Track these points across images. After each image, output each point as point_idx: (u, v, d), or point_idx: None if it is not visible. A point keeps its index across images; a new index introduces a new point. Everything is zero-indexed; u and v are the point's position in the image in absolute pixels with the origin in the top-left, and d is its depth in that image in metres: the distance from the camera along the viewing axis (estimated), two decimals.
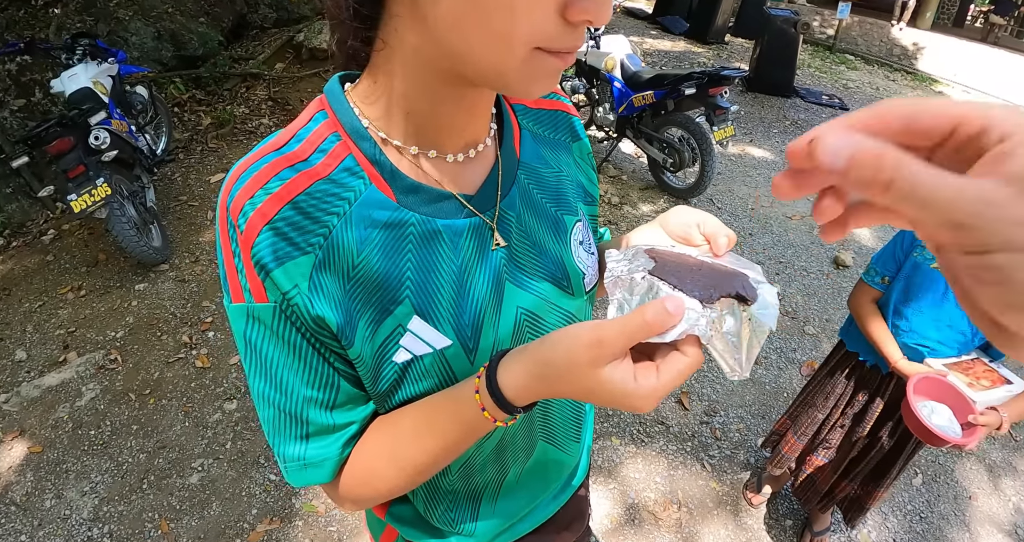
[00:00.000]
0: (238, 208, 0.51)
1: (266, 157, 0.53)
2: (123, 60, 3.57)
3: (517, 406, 0.50)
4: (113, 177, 2.92)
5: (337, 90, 0.56)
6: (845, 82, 7.86)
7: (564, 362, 0.47)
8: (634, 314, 0.45)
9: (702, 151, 3.76)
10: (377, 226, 0.54)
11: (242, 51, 5.71)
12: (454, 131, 0.57)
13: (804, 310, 3.27)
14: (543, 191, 0.66)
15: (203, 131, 4.62)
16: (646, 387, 0.45)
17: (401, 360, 0.56)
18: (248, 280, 0.52)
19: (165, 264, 3.27)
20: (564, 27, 0.43)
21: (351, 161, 0.54)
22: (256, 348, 0.55)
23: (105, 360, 2.71)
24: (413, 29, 0.47)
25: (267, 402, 0.57)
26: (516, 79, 0.46)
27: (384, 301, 0.55)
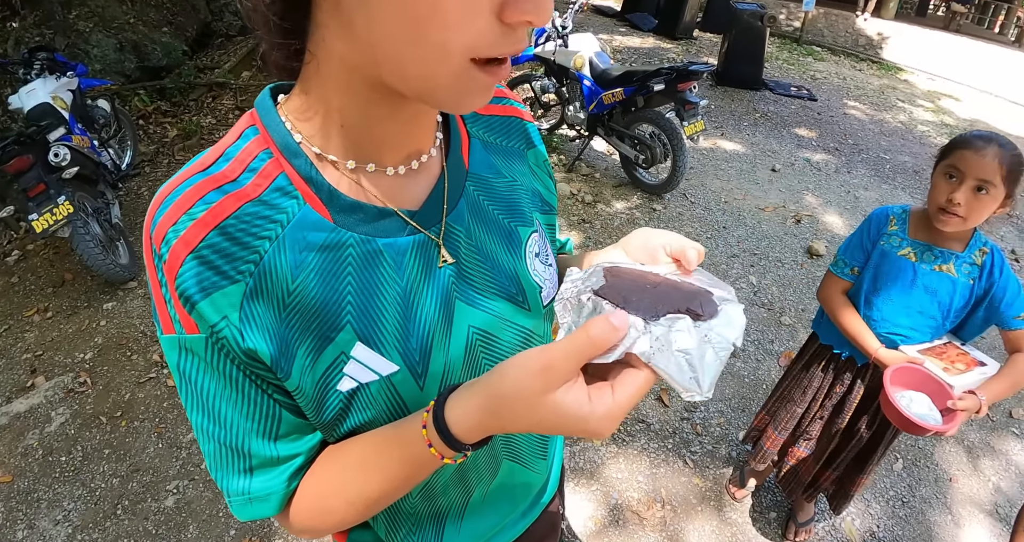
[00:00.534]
0: (161, 236, 0.48)
1: (191, 178, 0.49)
2: (83, 73, 3.49)
3: (466, 443, 0.48)
4: (76, 194, 2.85)
5: (268, 104, 0.53)
6: (813, 73, 7.96)
7: (513, 392, 0.44)
8: (578, 332, 0.43)
9: (673, 147, 3.77)
10: (313, 249, 0.51)
11: (207, 60, 5.62)
12: (393, 143, 0.54)
13: (780, 301, 3.30)
14: (494, 202, 0.63)
15: (169, 143, 4.54)
16: (602, 409, 0.43)
17: (346, 388, 0.54)
18: (176, 311, 0.49)
19: (133, 281, 3.19)
20: (502, 30, 0.41)
21: (283, 180, 0.50)
22: (191, 380, 0.52)
23: (74, 383, 2.64)
24: (341, 38, 0.44)
25: (207, 436, 0.54)
26: (448, 94, 0.44)
27: (324, 328, 0.52)
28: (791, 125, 5.88)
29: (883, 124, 6.34)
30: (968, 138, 1.38)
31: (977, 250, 1.46)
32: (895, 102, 7.29)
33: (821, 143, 5.56)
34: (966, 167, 1.34)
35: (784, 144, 5.42)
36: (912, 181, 4.98)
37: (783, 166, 4.96)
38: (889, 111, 6.87)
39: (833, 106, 6.65)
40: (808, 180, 4.78)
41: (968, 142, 1.36)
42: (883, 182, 4.91)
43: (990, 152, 1.32)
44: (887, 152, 5.56)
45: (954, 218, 1.37)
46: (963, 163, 1.34)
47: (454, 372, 0.59)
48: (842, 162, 5.20)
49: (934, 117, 6.97)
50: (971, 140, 1.36)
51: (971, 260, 1.46)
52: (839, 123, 6.14)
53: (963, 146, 1.37)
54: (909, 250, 1.51)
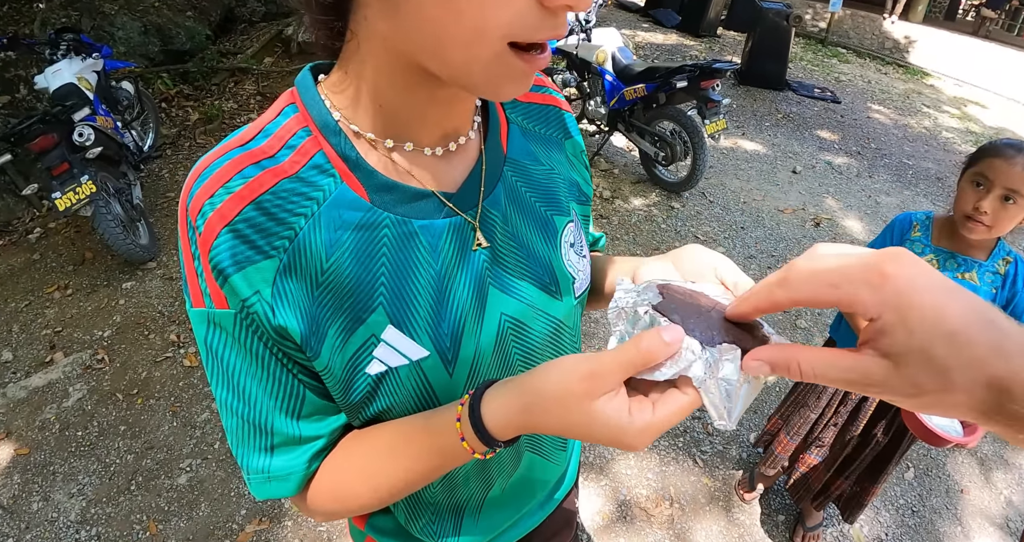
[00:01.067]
0: (197, 208, 0.48)
1: (230, 153, 0.49)
2: (108, 55, 3.52)
3: (499, 440, 0.48)
4: (98, 174, 2.88)
5: (308, 82, 0.53)
6: (837, 75, 7.86)
7: (555, 393, 0.44)
8: (629, 344, 0.43)
9: (694, 145, 3.74)
10: (348, 228, 0.51)
11: (230, 45, 5.65)
12: (430, 123, 0.53)
13: None
14: (532, 189, 0.63)
15: (191, 127, 4.57)
16: (640, 423, 0.43)
17: (375, 372, 0.53)
18: (208, 284, 0.49)
19: (152, 262, 3.23)
20: (541, 14, 0.40)
21: (321, 158, 0.50)
22: (218, 355, 0.52)
23: (92, 360, 2.68)
24: (382, 18, 0.44)
25: (230, 411, 0.54)
26: (484, 79, 0.44)
27: (356, 309, 0.52)
28: (813, 127, 5.81)
29: (907, 129, 6.24)
30: (998, 146, 1.36)
31: (1000, 259, 1.44)
32: (920, 107, 7.18)
33: (843, 146, 5.49)
34: (995, 175, 1.32)
35: (806, 146, 5.36)
36: (935, 188, 4.90)
37: (804, 168, 4.91)
38: (914, 116, 6.76)
39: (857, 109, 6.56)
40: (829, 183, 4.72)
41: (998, 150, 1.34)
42: (905, 188, 4.85)
43: (1020, 161, 1.30)
44: (910, 158, 5.48)
45: (980, 226, 1.35)
46: (992, 171, 1.32)
47: (484, 360, 0.59)
48: (864, 166, 5.13)
49: (960, 124, 6.86)
50: (1001, 148, 1.34)
51: (994, 269, 1.43)
52: (862, 127, 6.06)
53: (993, 154, 1.34)
54: (932, 257, 1.49)
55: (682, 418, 0.44)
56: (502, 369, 0.62)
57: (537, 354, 0.64)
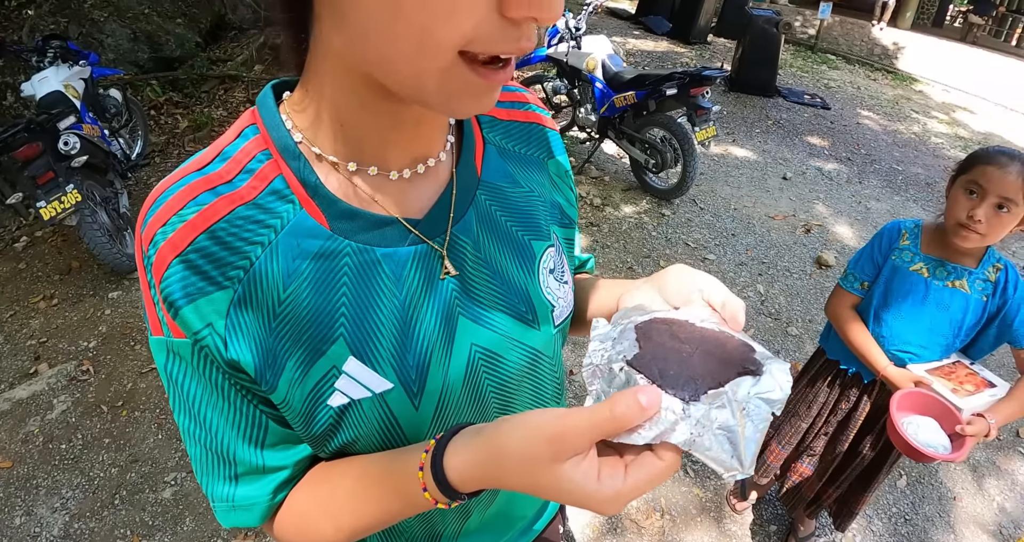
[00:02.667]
0: (149, 237, 0.46)
1: (185, 178, 0.48)
2: (96, 62, 3.51)
3: (461, 492, 0.46)
4: (84, 183, 2.86)
5: (269, 102, 0.51)
6: (827, 82, 7.91)
7: (519, 454, 0.42)
8: (602, 406, 0.40)
9: (684, 152, 3.75)
10: (307, 257, 0.49)
11: (220, 53, 5.64)
12: (395, 145, 0.51)
13: (787, 311, 3.27)
14: (508, 214, 0.60)
15: (180, 134, 4.55)
16: (608, 491, 0.40)
17: (337, 404, 0.51)
18: (164, 313, 0.48)
19: None
20: (503, 25, 0.37)
21: (280, 182, 0.48)
22: (178, 384, 0.51)
23: (77, 371, 2.65)
24: (336, 32, 0.42)
25: (193, 439, 0.53)
26: (437, 95, 0.41)
27: (315, 340, 0.50)
28: (803, 133, 5.84)
29: (896, 135, 6.29)
30: (991, 153, 1.34)
31: (991, 266, 1.43)
32: (909, 113, 7.24)
33: (833, 152, 5.52)
34: (988, 183, 1.31)
35: (796, 152, 5.38)
36: (924, 193, 4.93)
37: (794, 174, 4.92)
38: (903, 122, 6.81)
39: (846, 115, 6.61)
40: (819, 189, 4.74)
41: (991, 158, 1.33)
42: (895, 194, 4.87)
43: (1014, 169, 1.29)
44: (900, 163, 5.51)
45: (973, 234, 1.34)
46: (985, 179, 1.31)
47: (453, 392, 0.57)
48: (854, 172, 5.16)
49: (948, 129, 6.91)
50: (994, 156, 1.33)
51: (984, 277, 1.43)
52: (852, 133, 6.10)
53: (986, 161, 1.33)
54: (921, 265, 1.48)
55: (657, 484, 0.41)
56: (474, 402, 0.59)
57: (513, 385, 0.61)
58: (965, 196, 1.35)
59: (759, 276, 3.55)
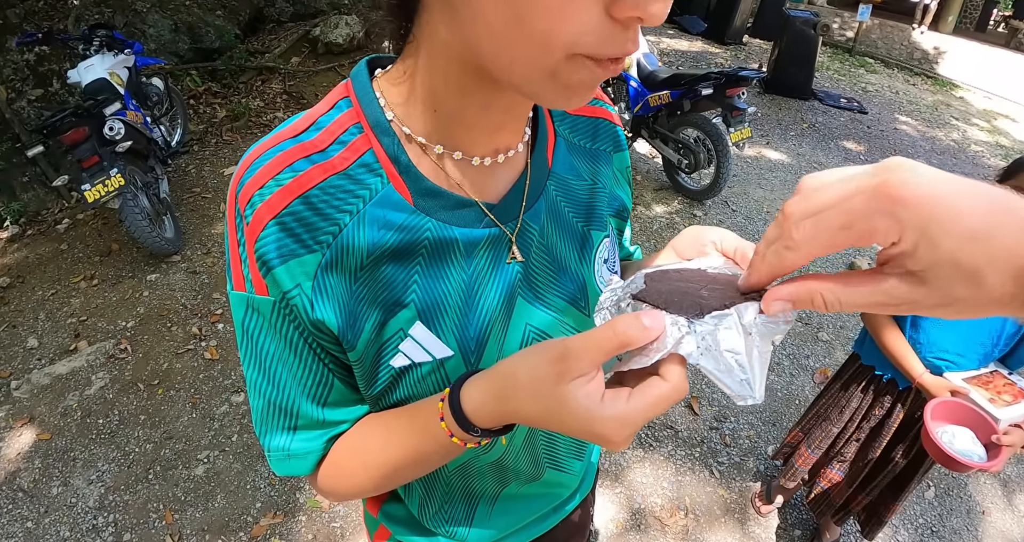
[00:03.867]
0: (247, 197, 0.49)
1: (281, 144, 0.50)
2: (139, 52, 3.58)
3: (476, 425, 0.47)
4: (127, 168, 2.93)
5: (364, 77, 0.53)
6: (864, 85, 7.76)
7: (526, 376, 0.43)
8: (604, 326, 0.41)
9: (718, 152, 3.71)
10: (391, 228, 0.51)
11: (258, 44, 5.72)
12: (483, 134, 0.53)
13: (817, 316, 3.23)
14: (572, 205, 0.63)
15: (218, 123, 4.63)
16: (611, 411, 0.40)
17: (398, 365, 0.54)
18: (250, 271, 0.50)
19: (177, 255, 3.28)
20: (612, 26, 0.38)
21: (370, 156, 0.51)
22: (253, 338, 0.53)
23: (115, 350, 2.72)
24: (444, 23, 0.44)
25: (259, 393, 0.56)
26: (549, 88, 0.42)
27: (388, 303, 0.53)
28: (839, 137, 5.74)
29: (935, 141, 6.15)
30: None
31: None
32: (949, 119, 7.07)
33: (870, 158, 5.42)
34: None
35: (831, 157, 5.29)
36: None
37: None
38: (942, 128, 6.66)
39: (884, 120, 6.48)
40: None
41: None
42: None
43: None
44: None
45: None
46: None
47: None
48: None
49: (989, 137, 6.74)
50: None
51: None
52: (889, 138, 5.98)
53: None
54: None
55: (662, 409, 0.41)
56: None
57: None
58: None
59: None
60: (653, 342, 0.41)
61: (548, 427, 0.44)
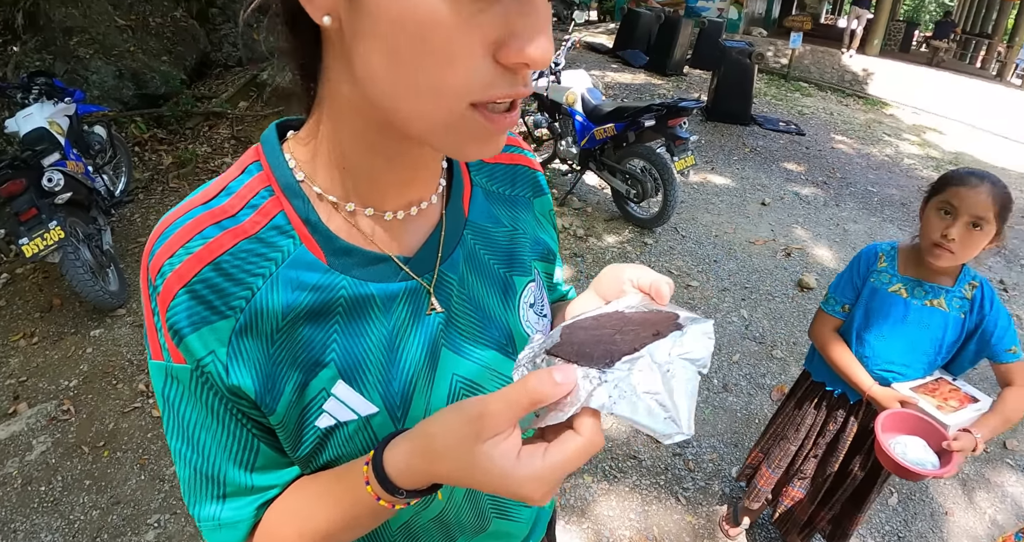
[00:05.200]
0: (157, 267, 0.49)
1: (192, 212, 0.50)
2: (81, 99, 3.52)
3: (401, 487, 0.46)
4: (67, 220, 2.84)
5: (273, 140, 0.54)
6: (800, 108, 8.14)
7: (443, 436, 0.43)
8: (516, 384, 0.41)
9: (664, 181, 3.82)
10: (305, 289, 0.51)
11: (205, 90, 5.69)
12: (394, 188, 0.54)
13: (771, 334, 3.31)
14: (492, 252, 0.63)
15: (164, 171, 4.55)
16: (527, 470, 0.40)
17: (324, 425, 0.54)
18: (166, 340, 0.50)
19: (122, 308, 3.17)
20: (501, 73, 0.40)
21: (282, 219, 0.51)
22: (174, 407, 0.53)
23: (57, 411, 2.59)
24: (345, 82, 0.45)
25: (185, 462, 0.54)
26: (448, 139, 0.44)
27: (308, 364, 0.52)
28: (780, 159, 5.98)
29: (870, 158, 6.46)
30: (962, 175, 1.40)
31: (967, 284, 1.47)
32: (881, 136, 7.46)
33: (810, 177, 5.65)
34: (961, 203, 1.36)
35: (773, 178, 5.50)
36: (900, 213, 5.05)
37: (772, 200, 5.03)
38: (876, 145, 7.01)
39: (821, 140, 6.79)
40: (797, 213, 4.84)
41: (962, 179, 1.38)
42: (871, 215, 4.99)
43: (984, 189, 1.34)
44: (875, 185, 5.66)
45: (947, 253, 1.38)
46: (958, 199, 1.36)
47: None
48: (830, 195, 5.28)
49: (920, 150, 7.12)
50: (965, 177, 1.38)
51: (961, 294, 1.47)
52: (827, 157, 6.26)
53: (958, 183, 1.38)
54: (900, 286, 1.52)
55: (579, 463, 0.41)
56: None
57: None
58: (939, 216, 1.40)
59: (742, 301, 3.60)
60: (567, 396, 0.41)
61: (468, 485, 0.44)
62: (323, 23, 0.41)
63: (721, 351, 3.15)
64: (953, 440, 1.32)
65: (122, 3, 5.25)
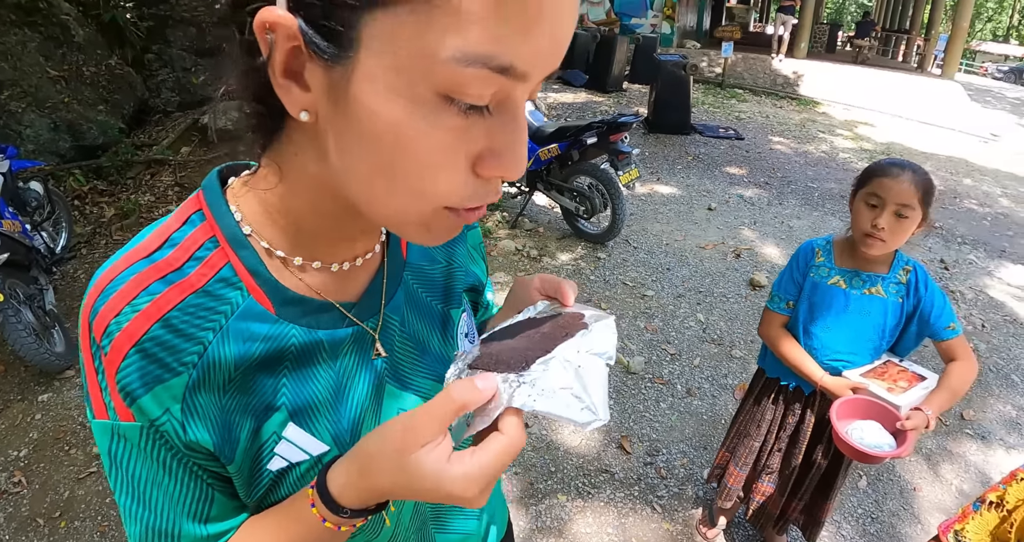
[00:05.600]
0: (102, 326, 0.47)
1: (134, 266, 0.49)
2: (14, 155, 3.41)
3: (342, 504, 0.48)
4: (6, 281, 2.74)
5: (216, 190, 0.53)
6: (737, 114, 8.44)
7: (377, 451, 0.45)
8: (441, 394, 0.44)
9: (611, 196, 3.90)
10: (256, 339, 0.51)
11: (145, 137, 5.57)
12: (343, 245, 0.56)
13: (729, 335, 3.38)
14: (429, 290, 0.66)
15: (107, 223, 4.42)
16: (457, 470, 0.43)
17: (276, 467, 0.54)
18: (112, 399, 0.48)
19: (70, 369, 3.04)
20: (477, 182, 0.42)
21: (228, 270, 0.51)
22: (122, 466, 0.51)
23: (8, 484, 2.46)
24: (313, 161, 0.46)
25: (135, 520, 0.53)
26: (416, 232, 0.46)
27: (259, 409, 0.53)
28: (722, 164, 6.17)
29: (807, 155, 6.72)
30: (884, 166, 1.47)
31: (901, 269, 1.54)
32: (816, 134, 7.77)
33: (752, 179, 5.84)
34: (886, 194, 1.42)
35: (717, 183, 5.67)
36: (840, 206, 5.26)
37: (718, 204, 5.18)
38: (811, 142, 7.30)
39: (759, 143, 7.04)
40: (743, 215, 4.99)
41: (884, 170, 1.45)
42: (813, 210, 5.18)
43: (906, 178, 1.41)
44: (814, 181, 5.88)
45: (878, 242, 1.44)
46: (883, 190, 1.43)
47: None
48: (773, 195, 5.46)
49: (853, 144, 7.45)
50: (887, 168, 1.45)
51: (897, 280, 1.54)
52: (767, 158, 6.49)
53: (880, 174, 1.45)
54: (838, 278, 1.58)
55: (506, 459, 0.44)
56: None
57: None
58: (867, 208, 1.47)
59: (698, 305, 3.68)
60: (490, 403, 0.44)
61: (406, 496, 0.46)
62: (299, 118, 0.42)
63: (682, 356, 3.21)
64: (906, 420, 1.36)
65: (53, 54, 5.13)
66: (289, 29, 0.37)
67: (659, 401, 2.87)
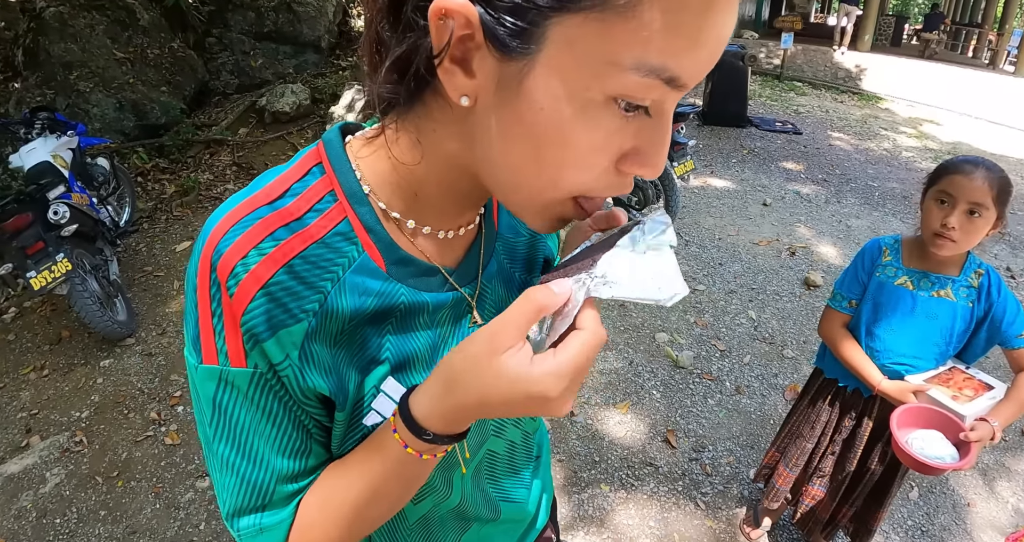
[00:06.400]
0: (228, 268, 0.47)
1: (258, 211, 0.49)
2: (83, 132, 3.56)
3: (426, 428, 0.48)
4: (74, 251, 2.87)
5: (338, 145, 0.54)
6: (796, 108, 8.16)
7: (461, 362, 0.46)
8: (519, 299, 0.45)
9: (665, 187, 3.84)
10: (369, 294, 0.52)
11: (205, 118, 5.75)
12: (455, 215, 0.58)
13: (781, 334, 3.29)
14: (514, 262, 0.67)
15: (167, 200, 4.59)
16: (542, 368, 0.43)
17: (371, 422, 0.55)
18: (227, 343, 0.49)
19: (131, 338, 3.18)
20: (615, 176, 0.45)
21: (346, 225, 0.52)
22: (226, 413, 0.51)
23: (70, 442, 2.60)
24: (455, 141, 0.48)
25: (230, 469, 0.53)
26: (537, 215, 0.49)
27: (364, 362, 0.54)
28: (778, 159, 5.99)
29: (868, 153, 6.46)
30: (956, 163, 1.40)
31: (972, 272, 1.47)
32: (878, 130, 7.46)
33: (809, 175, 5.65)
34: (957, 192, 1.35)
35: (773, 178, 5.50)
36: (902, 206, 5.04)
37: (774, 200, 5.03)
38: (873, 139, 7.01)
39: (818, 138, 6.80)
40: (799, 212, 4.84)
41: (957, 167, 1.38)
42: (873, 210, 4.98)
43: (979, 175, 1.34)
44: (874, 180, 5.65)
45: (949, 242, 1.38)
46: (954, 188, 1.36)
47: None
48: (831, 192, 5.27)
49: (917, 142, 7.12)
50: (959, 165, 1.38)
51: (968, 283, 1.46)
52: (825, 154, 6.26)
53: (952, 171, 1.38)
54: (905, 279, 1.52)
55: (589, 355, 0.44)
56: (482, 421, 0.66)
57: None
58: (937, 206, 1.40)
59: (750, 302, 3.58)
60: (566, 305, 0.45)
61: (491, 405, 0.45)
62: (459, 102, 0.43)
63: (732, 353, 3.14)
64: (970, 430, 1.30)
65: (120, 36, 5.33)
66: (468, 19, 0.38)
67: (707, 397, 2.81)
